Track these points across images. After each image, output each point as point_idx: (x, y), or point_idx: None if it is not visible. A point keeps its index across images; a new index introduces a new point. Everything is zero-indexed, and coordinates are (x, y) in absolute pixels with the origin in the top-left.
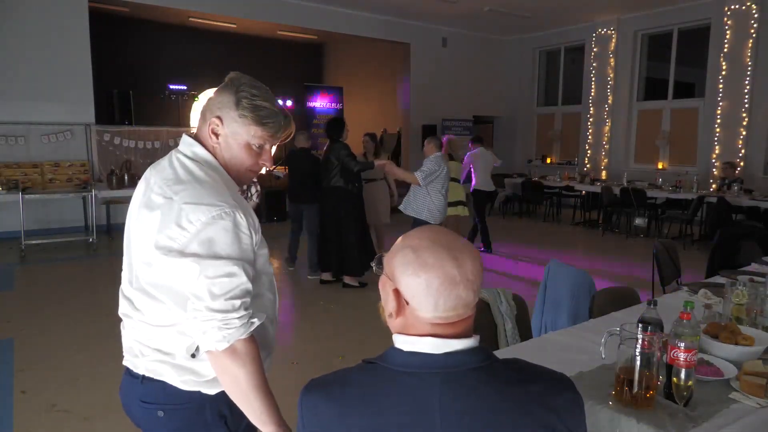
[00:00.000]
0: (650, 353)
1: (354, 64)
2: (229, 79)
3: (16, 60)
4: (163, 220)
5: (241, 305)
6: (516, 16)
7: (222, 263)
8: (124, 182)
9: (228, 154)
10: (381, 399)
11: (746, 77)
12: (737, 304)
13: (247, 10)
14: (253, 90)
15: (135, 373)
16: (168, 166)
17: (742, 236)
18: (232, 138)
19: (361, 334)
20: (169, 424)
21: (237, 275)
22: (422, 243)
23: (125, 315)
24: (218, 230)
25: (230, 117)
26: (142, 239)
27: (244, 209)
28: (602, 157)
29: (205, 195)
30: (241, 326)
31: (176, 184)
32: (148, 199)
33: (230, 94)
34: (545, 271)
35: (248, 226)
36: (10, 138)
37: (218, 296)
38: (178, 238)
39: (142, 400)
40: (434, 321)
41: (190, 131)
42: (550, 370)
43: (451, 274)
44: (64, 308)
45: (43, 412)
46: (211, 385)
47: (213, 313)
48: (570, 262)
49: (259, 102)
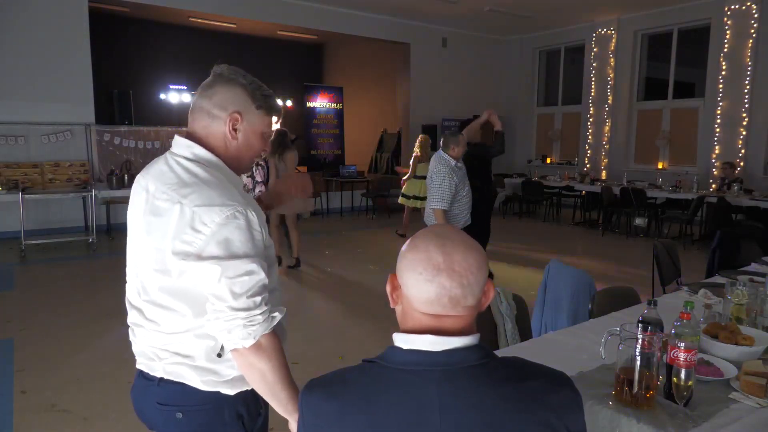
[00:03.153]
0: (650, 353)
1: (354, 64)
2: (229, 72)
3: (16, 60)
4: (175, 225)
5: (262, 301)
6: (516, 16)
7: (240, 262)
8: (124, 182)
9: (245, 146)
10: (381, 397)
11: (746, 77)
12: (737, 304)
13: (247, 10)
14: (254, 79)
15: (151, 375)
16: (168, 171)
17: (742, 236)
18: (251, 130)
19: (361, 334)
20: (187, 426)
21: (255, 272)
22: (423, 232)
23: (135, 324)
24: (233, 230)
25: (249, 110)
26: (153, 247)
27: (253, 206)
28: (602, 157)
29: (215, 196)
30: (264, 321)
31: (182, 187)
32: (152, 206)
33: (238, 88)
34: (545, 271)
35: (259, 222)
36: (10, 138)
37: (240, 295)
38: (195, 242)
39: (159, 402)
40: (424, 310)
41: (181, 132)
42: (548, 368)
43: (436, 260)
44: (64, 308)
45: (43, 412)
46: (231, 385)
47: (236, 312)
48: (570, 262)
49: (266, 91)
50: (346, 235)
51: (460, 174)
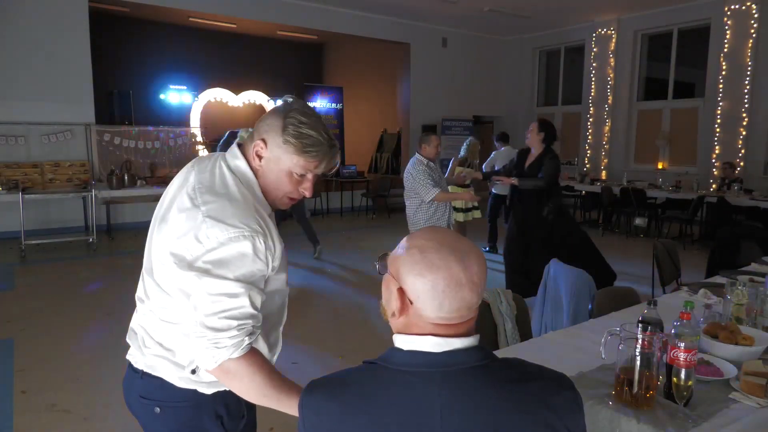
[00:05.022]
0: (650, 353)
1: (354, 64)
2: (283, 102)
3: (16, 60)
4: (184, 227)
5: (238, 326)
6: (516, 16)
7: (227, 283)
8: (124, 182)
9: (269, 177)
10: (382, 398)
11: (746, 77)
12: (737, 304)
13: (247, 10)
14: (302, 117)
15: (135, 368)
16: (209, 171)
17: (742, 236)
18: (275, 163)
19: (361, 334)
20: (165, 421)
21: (239, 297)
22: (429, 244)
23: (139, 298)
24: (232, 251)
25: (275, 142)
26: (164, 236)
27: (267, 235)
28: (602, 157)
29: (229, 214)
30: (232, 346)
31: (208, 193)
32: (181, 196)
33: (278, 119)
34: (545, 271)
35: (266, 252)
36: (10, 138)
37: (214, 313)
38: (192, 251)
39: (141, 395)
40: (437, 321)
41: (238, 141)
42: (549, 370)
43: (457, 276)
44: (64, 308)
45: (43, 412)
46: (207, 386)
47: (205, 330)
48: None
49: (305, 130)
50: (346, 235)
51: (435, 175)
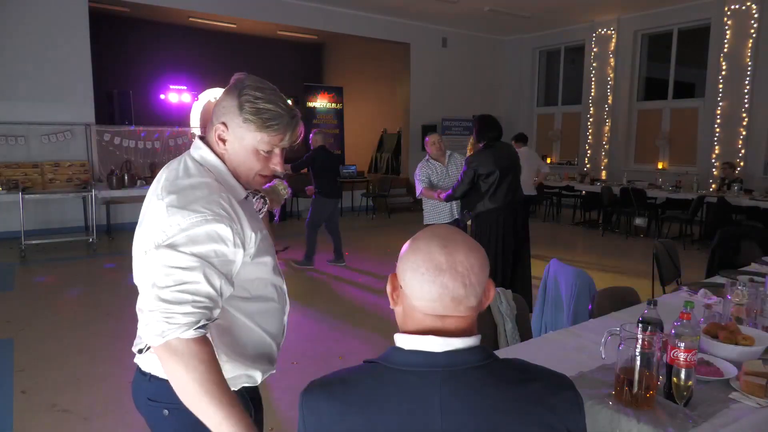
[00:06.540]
0: (650, 353)
1: (354, 64)
2: (234, 81)
3: (16, 60)
4: (152, 224)
5: (193, 302)
6: (516, 16)
7: (183, 256)
8: (124, 182)
9: (236, 159)
10: (382, 398)
11: (746, 77)
12: (737, 304)
13: (247, 10)
14: (257, 93)
15: (143, 371)
16: (176, 166)
17: (742, 236)
18: (239, 144)
19: (362, 334)
20: (173, 423)
21: (194, 271)
22: (423, 234)
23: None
24: (193, 234)
25: (235, 123)
26: (138, 239)
27: (234, 220)
28: (602, 157)
29: (192, 201)
30: (185, 324)
31: (171, 185)
32: (150, 198)
33: (234, 98)
34: (545, 270)
35: (233, 237)
36: (10, 138)
37: (168, 286)
38: (156, 239)
39: (149, 398)
40: (426, 311)
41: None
42: (549, 370)
43: (437, 260)
44: (64, 308)
45: (43, 412)
46: None
47: (159, 302)
48: (570, 262)
49: (262, 105)
50: (345, 235)
51: (433, 173)
